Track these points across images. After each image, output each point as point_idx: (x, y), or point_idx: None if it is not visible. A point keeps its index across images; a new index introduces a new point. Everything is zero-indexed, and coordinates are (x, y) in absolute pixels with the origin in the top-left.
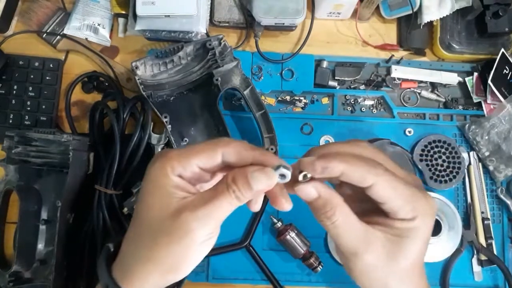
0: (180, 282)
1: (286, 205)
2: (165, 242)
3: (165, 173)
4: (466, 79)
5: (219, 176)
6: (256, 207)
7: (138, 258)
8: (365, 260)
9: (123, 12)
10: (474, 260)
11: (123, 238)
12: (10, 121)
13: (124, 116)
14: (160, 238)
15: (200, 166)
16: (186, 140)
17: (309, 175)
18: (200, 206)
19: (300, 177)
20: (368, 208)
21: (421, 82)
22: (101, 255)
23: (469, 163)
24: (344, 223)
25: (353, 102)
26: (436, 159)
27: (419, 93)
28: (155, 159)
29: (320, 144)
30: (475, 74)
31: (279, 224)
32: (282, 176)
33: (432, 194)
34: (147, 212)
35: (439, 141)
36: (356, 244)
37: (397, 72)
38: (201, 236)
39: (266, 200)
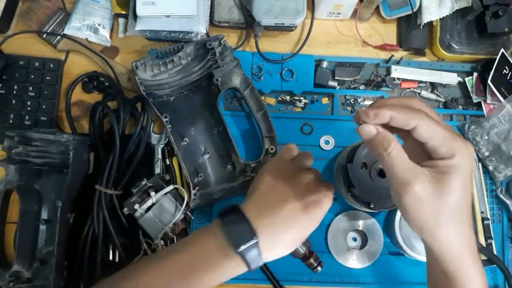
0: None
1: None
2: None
3: None
4: (466, 79)
5: None
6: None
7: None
8: (415, 190)
9: (123, 12)
10: None
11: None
12: (11, 121)
13: (124, 116)
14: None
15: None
16: (186, 140)
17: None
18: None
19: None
20: (417, 155)
21: (421, 82)
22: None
23: None
24: (397, 154)
25: (353, 102)
26: None
27: (419, 93)
28: None
29: (322, 143)
30: (475, 74)
31: None
32: None
33: None
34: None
35: None
36: (407, 175)
37: (397, 72)
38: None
39: None
